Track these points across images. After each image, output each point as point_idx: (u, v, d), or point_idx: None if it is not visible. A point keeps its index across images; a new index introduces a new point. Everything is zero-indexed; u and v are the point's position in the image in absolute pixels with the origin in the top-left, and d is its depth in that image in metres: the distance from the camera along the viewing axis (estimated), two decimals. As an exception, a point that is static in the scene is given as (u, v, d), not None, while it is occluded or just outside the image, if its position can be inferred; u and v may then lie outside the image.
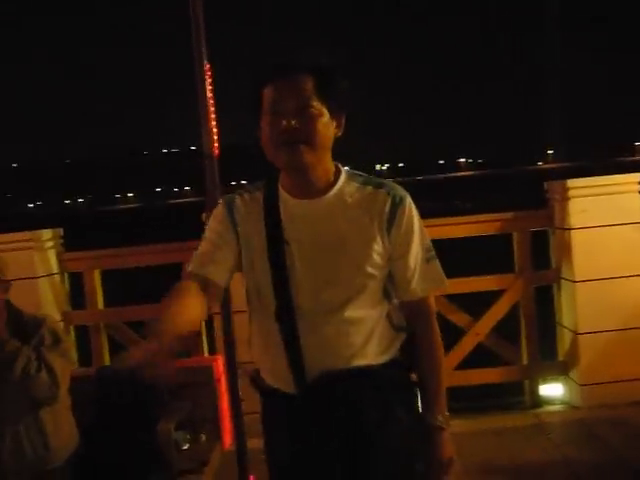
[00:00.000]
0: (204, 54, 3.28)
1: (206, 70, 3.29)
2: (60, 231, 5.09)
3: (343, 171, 1.99)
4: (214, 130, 3.32)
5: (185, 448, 3.33)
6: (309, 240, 1.92)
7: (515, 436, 4.41)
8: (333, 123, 1.92)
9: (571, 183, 4.67)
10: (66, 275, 5.04)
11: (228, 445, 3.67)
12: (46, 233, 4.92)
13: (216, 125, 3.34)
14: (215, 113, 3.34)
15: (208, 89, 3.30)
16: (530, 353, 4.93)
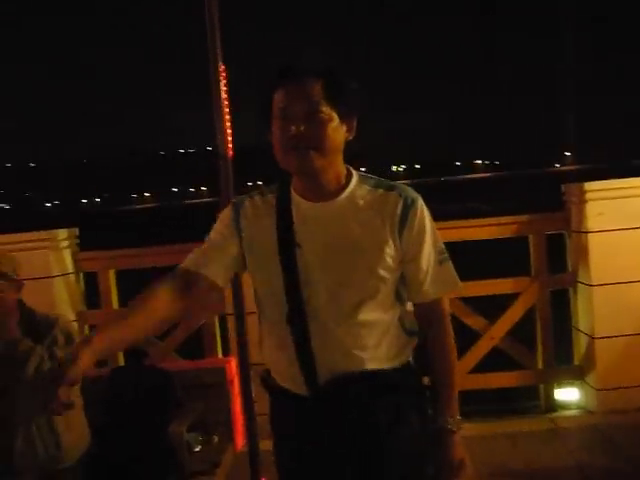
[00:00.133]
0: (219, 55, 3.27)
1: (221, 71, 3.29)
2: (76, 231, 5.12)
3: (355, 174, 1.98)
4: (228, 131, 3.32)
5: (197, 450, 3.33)
6: (321, 243, 1.91)
7: (530, 440, 4.38)
8: (343, 127, 1.91)
9: (588, 186, 4.63)
10: (81, 275, 5.07)
11: (240, 447, 3.66)
12: (62, 233, 4.95)
13: (231, 126, 3.34)
14: (230, 114, 3.34)
15: (223, 90, 3.30)
16: (546, 357, 4.90)
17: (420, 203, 1.95)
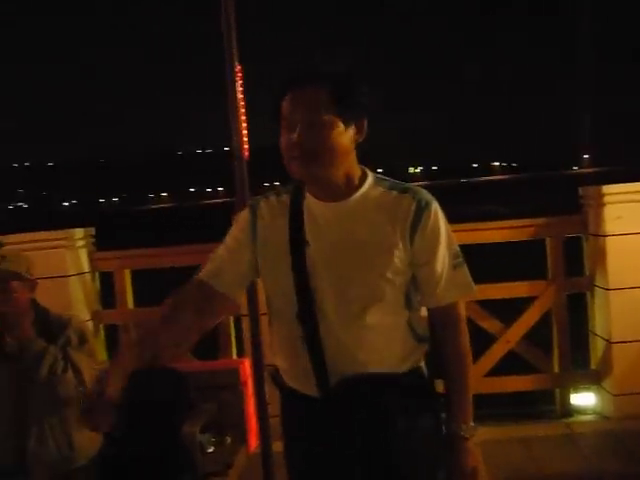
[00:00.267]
0: (235, 55, 3.27)
1: (237, 72, 3.28)
2: (92, 230, 5.13)
3: (370, 175, 1.98)
4: (244, 132, 3.32)
5: (210, 451, 3.32)
6: (328, 241, 1.91)
7: (545, 445, 4.34)
8: (350, 130, 1.90)
9: (606, 189, 4.58)
10: (97, 274, 5.08)
11: (253, 448, 3.65)
12: (78, 232, 4.97)
13: (247, 127, 3.34)
14: (246, 115, 3.34)
15: (239, 90, 3.30)
16: (562, 361, 4.86)
17: (434, 206, 1.93)
